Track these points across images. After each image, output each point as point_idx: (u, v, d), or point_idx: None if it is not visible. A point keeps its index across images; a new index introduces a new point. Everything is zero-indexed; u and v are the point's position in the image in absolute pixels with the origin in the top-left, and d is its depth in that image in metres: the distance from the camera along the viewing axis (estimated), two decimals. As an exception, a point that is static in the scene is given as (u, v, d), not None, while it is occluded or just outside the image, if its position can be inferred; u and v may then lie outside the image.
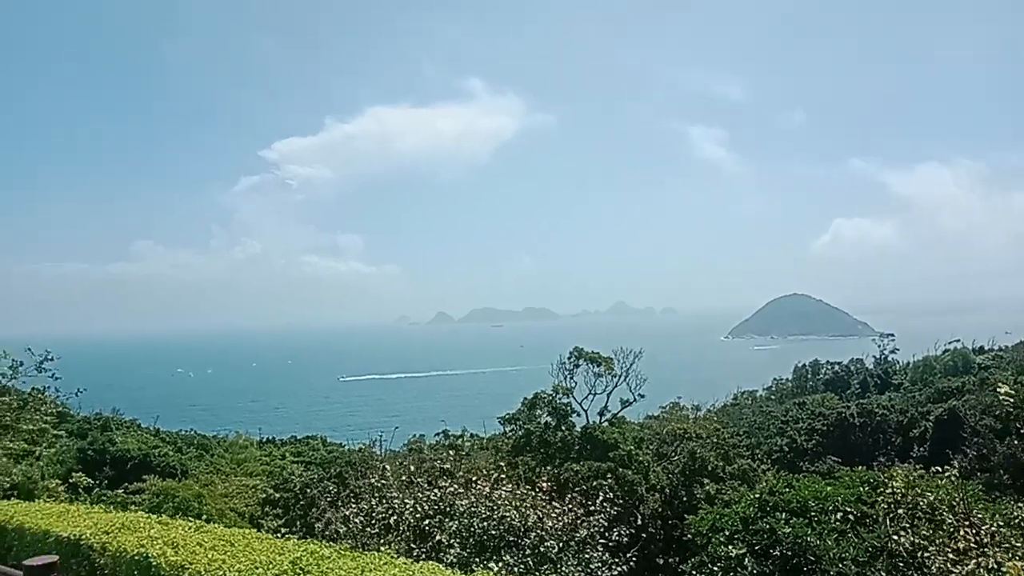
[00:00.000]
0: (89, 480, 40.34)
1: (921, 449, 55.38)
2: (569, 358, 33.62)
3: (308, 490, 48.36)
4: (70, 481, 38.97)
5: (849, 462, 52.24)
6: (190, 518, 9.38)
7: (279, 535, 8.12)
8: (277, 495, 47.15)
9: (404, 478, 14.43)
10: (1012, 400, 9.17)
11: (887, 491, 9.59)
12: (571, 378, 33.27)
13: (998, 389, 9.74)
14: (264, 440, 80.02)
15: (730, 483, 31.80)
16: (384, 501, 12.88)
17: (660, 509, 29.06)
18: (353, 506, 13.31)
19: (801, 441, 57.05)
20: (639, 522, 13.70)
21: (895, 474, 10.41)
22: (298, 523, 42.09)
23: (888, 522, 9.74)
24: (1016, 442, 47.95)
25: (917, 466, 37.47)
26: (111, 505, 19.45)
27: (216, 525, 8.62)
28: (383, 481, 13.56)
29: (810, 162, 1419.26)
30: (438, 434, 61.59)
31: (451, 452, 47.27)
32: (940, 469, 9.89)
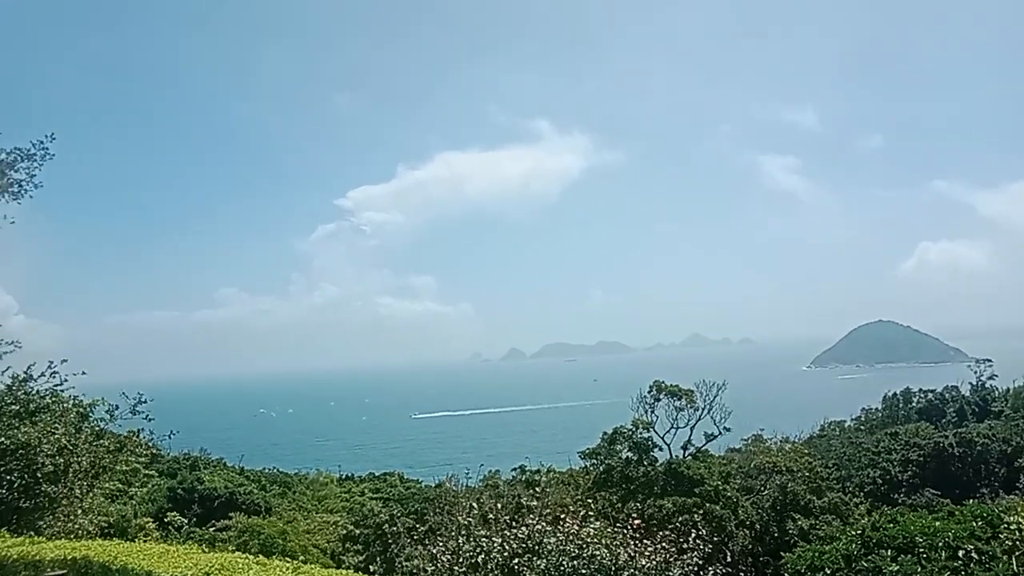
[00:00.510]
0: (182, 519, 41.57)
1: (1028, 480, 52.00)
2: (649, 392, 32.97)
3: (387, 526, 48.72)
4: (164, 520, 40.24)
5: (949, 494, 49.50)
6: (282, 557, 9.47)
7: (371, 575, 8.08)
8: (357, 531, 47.55)
9: (482, 514, 14.27)
10: None
11: (1012, 526, 8.87)
12: (652, 412, 32.58)
13: None
14: (343, 477, 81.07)
15: (823, 518, 30.35)
16: (472, 539, 12.74)
17: (750, 546, 27.90)
18: (440, 544, 13.21)
19: (895, 473, 54.23)
20: (728, 559, 13.16)
21: (1020, 508, 9.64)
22: (378, 559, 42.29)
23: (1015, 560, 9.02)
24: None
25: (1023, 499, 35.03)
26: (200, 543, 19.94)
27: (313, 566, 8.67)
28: (469, 519, 13.44)
29: (890, 186, 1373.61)
30: (514, 469, 61.09)
31: (528, 488, 46.84)
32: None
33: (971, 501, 20.91)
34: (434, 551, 13.11)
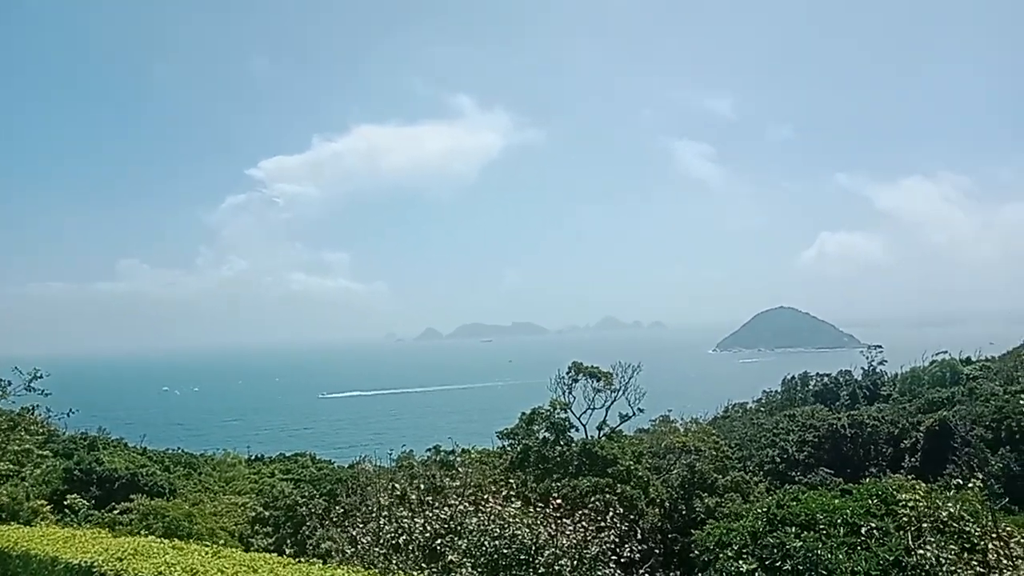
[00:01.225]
0: (83, 502, 39.64)
1: (912, 460, 55.54)
2: (568, 372, 33.49)
3: (299, 508, 47.90)
4: (63, 503, 38.30)
5: (841, 473, 52.47)
6: (199, 541, 9.13)
7: (300, 559, 7.91)
8: (267, 513, 46.57)
9: (399, 496, 14.18)
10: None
11: (908, 503, 9.48)
12: (569, 393, 33.12)
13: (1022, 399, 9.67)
14: (252, 458, 79.16)
15: (728, 496, 31.69)
16: (393, 520, 12.65)
17: (660, 524, 28.90)
18: (360, 525, 13.06)
19: (792, 452, 57.04)
20: (639, 537, 13.59)
21: (916, 486, 10.33)
22: (288, 541, 41.62)
23: (910, 536, 9.65)
24: (1010, 452, 48.28)
25: (909, 476, 37.58)
26: (99, 527, 19.07)
27: (233, 550, 8.38)
28: (390, 499, 13.33)
29: (796, 176, 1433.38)
30: (429, 450, 61.05)
31: (444, 468, 46.95)
32: (962, 482, 9.80)
33: (865, 480, 22.33)
34: (353, 533, 12.96)
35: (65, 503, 37.92)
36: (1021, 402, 52.92)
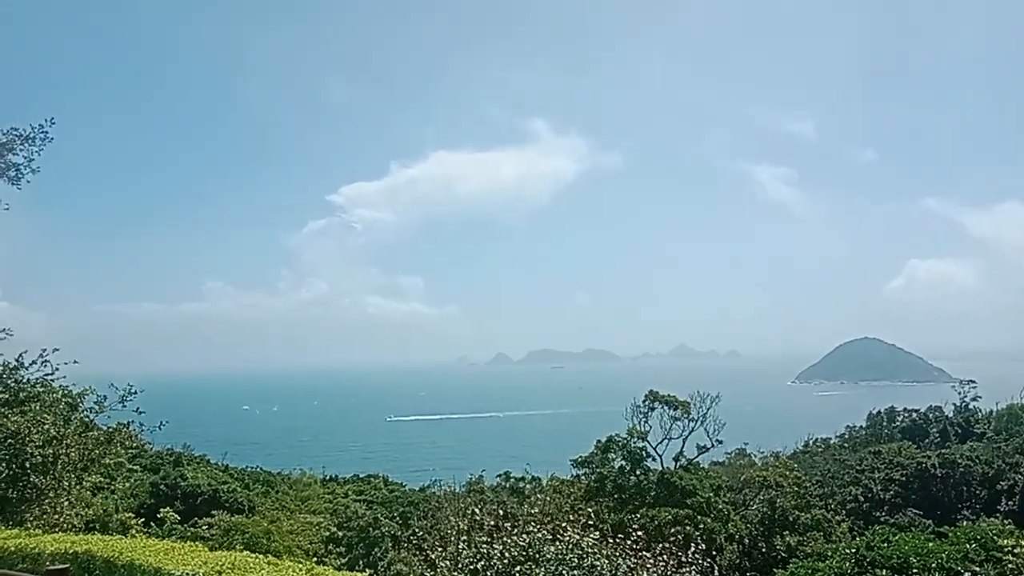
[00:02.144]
0: (176, 515, 41.20)
1: (1010, 503, 52.37)
2: (644, 401, 33.04)
3: (372, 529, 48.54)
4: (158, 515, 39.84)
5: (930, 515, 49.88)
6: (292, 558, 9.39)
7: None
8: (340, 533, 47.36)
9: (473, 521, 14.21)
10: None
11: (1016, 550, 8.96)
12: (646, 421, 32.65)
13: None
14: (327, 478, 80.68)
15: (809, 534, 30.50)
16: (472, 545, 12.72)
17: (739, 561, 28.02)
18: (439, 549, 13.18)
19: (877, 491, 54.54)
20: (716, 574, 13.23)
21: (1013, 532, 9.74)
22: (361, 562, 42.16)
23: (1018, 585, 9.13)
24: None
25: (1006, 521, 35.35)
26: (183, 539, 19.75)
27: (326, 568, 8.59)
28: (468, 524, 13.41)
29: (882, 202, 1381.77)
30: (499, 476, 61.03)
31: (514, 495, 46.77)
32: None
33: (960, 523, 21.17)
34: (432, 556, 13.07)
35: (158, 515, 39.44)
36: None
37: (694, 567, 12.25)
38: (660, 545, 12.36)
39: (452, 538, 13.38)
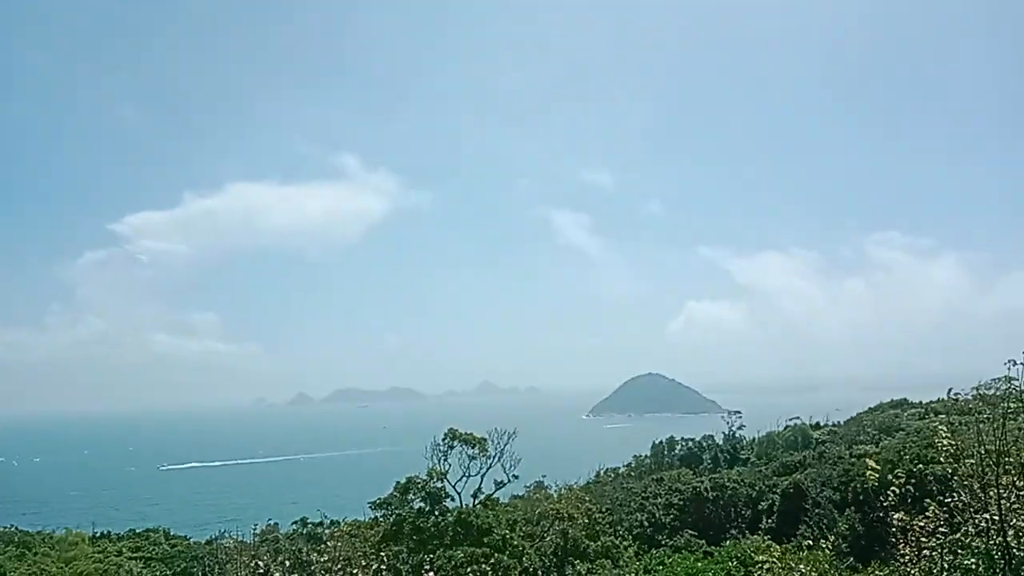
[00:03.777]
0: None
1: (769, 521, 58.36)
2: (444, 439, 33.21)
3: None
4: None
5: (704, 535, 54.33)
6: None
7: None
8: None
9: (262, 573, 13.48)
10: (877, 475, 10.04)
11: (764, 566, 10.08)
12: (445, 460, 32.78)
13: (867, 462, 10.56)
14: (97, 535, 72.50)
15: (599, 562, 32.02)
16: (257, 600, 12.00)
17: (533, 593, 28.77)
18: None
19: (659, 516, 58.60)
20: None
21: (772, 548, 10.97)
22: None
23: (765, 597, 10.24)
24: (855, 513, 51.74)
25: (766, 537, 39.45)
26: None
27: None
28: (258, 573, 12.65)
29: (666, 249, 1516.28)
30: (295, 522, 58.31)
31: (311, 542, 44.78)
32: (812, 542, 10.54)
33: (727, 541, 23.35)
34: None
35: None
36: (864, 465, 57.07)
37: (486, 604, 12.44)
38: (453, 585, 12.43)
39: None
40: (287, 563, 13.17)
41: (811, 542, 10.62)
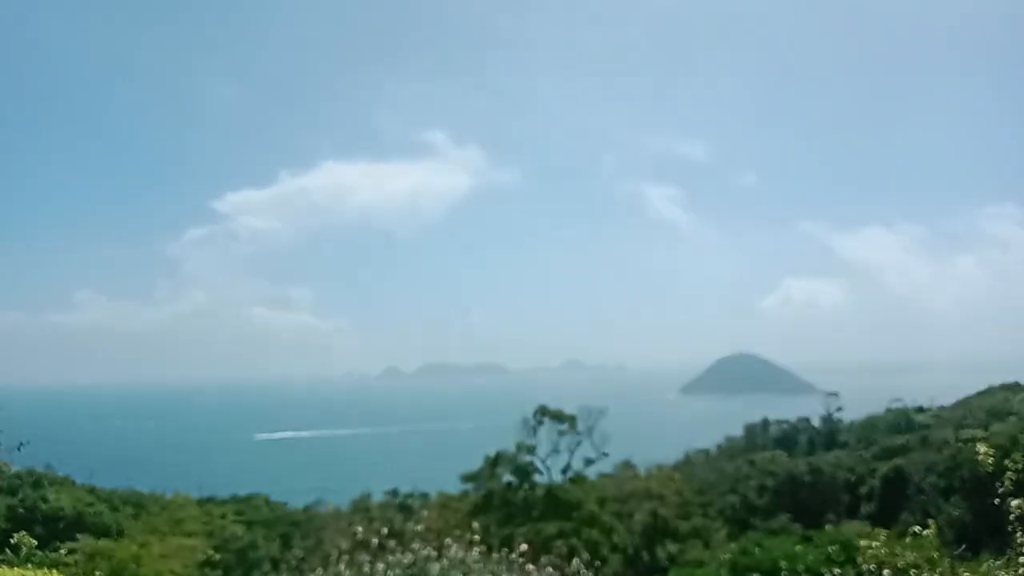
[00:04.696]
0: (32, 540, 37.95)
1: (869, 506, 56.36)
2: (533, 416, 33.38)
3: (251, 551, 46.55)
4: (11, 541, 36.68)
5: (800, 519, 52.87)
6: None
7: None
8: (218, 556, 45.24)
9: (358, 540, 13.83)
10: (992, 459, 9.42)
11: (868, 551, 9.63)
12: (534, 435, 32.98)
13: (978, 448, 9.96)
14: (204, 499, 76.87)
15: (689, 542, 31.66)
16: (354, 565, 12.33)
17: (623, 570, 28.69)
18: (319, 571, 12.71)
19: (752, 498, 57.48)
20: (601, 584, 13.51)
21: (876, 533, 10.48)
22: (239, 586, 40.30)
23: (872, 584, 9.80)
24: (962, 500, 49.14)
25: (866, 522, 37.92)
26: (41, 566, 18.25)
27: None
28: (350, 544, 12.99)
29: (761, 223, 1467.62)
30: (387, 492, 60.04)
31: (402, 512, 46.07)
32: (918, 530, 9.98)
33: (825, 526, 22.57)
34: (311, 578, 12.59)
35: (12, 541, 36.25)
36: (972, 451, 54.06)
37: (577, 577, 12.35)
38: (544, 558, 12.41)
39: (333, 559, 12.93)
40: (385, 531, 13.44)
41: (917, 529, 10.04)
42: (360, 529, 13.08)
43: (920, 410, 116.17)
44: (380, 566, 12.08)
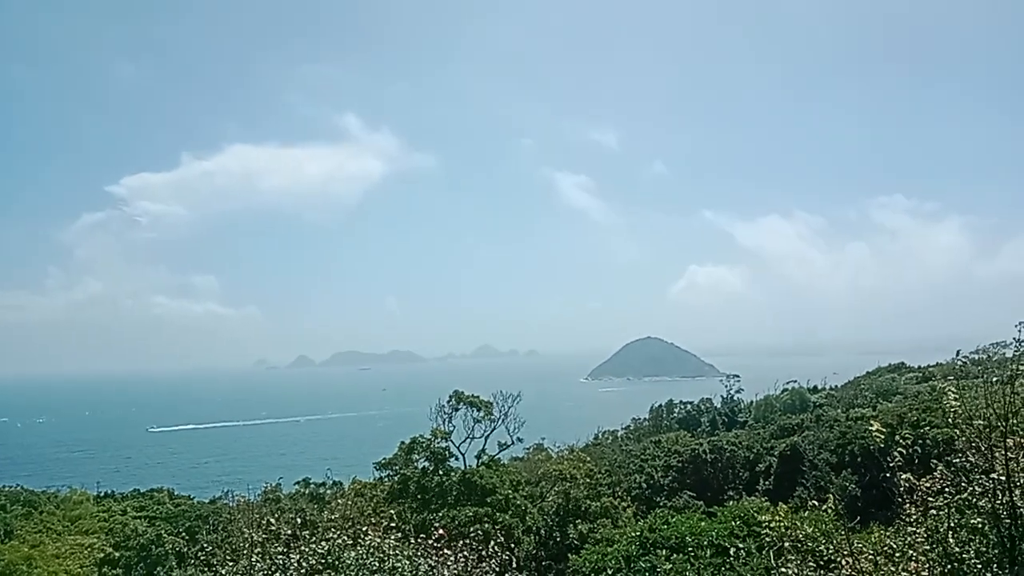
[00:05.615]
0: None
1: (767, 482, 59.08)
2: (448, 401, 33.42)
3: (154, 547, 44.82)
4: None
5: (702, 496, 55.04)
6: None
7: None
8: (117, 554, 43.47)
9: (270, 531, 13.59)
10: (883, 436, 10.10)
11: (771, 524, 10.19)
12: (450, 422, 33.05)
13: (871, 425, 10.63)
14: (102, 495, 73.44)
15: (599, 521, 32.47)
16: (267, 557, 12.11)
17: (535, 551, 29.21)
18: (230, 564, 12.41)
19: (658, 477, 59.28)
20: (514, 565, 13.71)
21: (778, 508, 11.10)
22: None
23: (772, 555, 10.36)
24: (851, 475, 52.35)
25: (764, 498, 39.92)
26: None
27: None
28: (263, 535, 12.75)
29: (668, 212, 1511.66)
30: (297, 483, 58.96)
31: (314, 502, 45.32)
32: (817, 503, 10.64)
33: (727, 503, 23.62)
34: (223, 572, 12.28)
35: None
36: (861, 428, 57.67)
37: (493, 560, 12.55)
38: (461, 542, 12.54)
39: (245, 551, 12.66)
40: (298, 520, 13.27)
41: (816, 503, 10.71)
42: (273, 520, 12.87)
43: (814, 390, 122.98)
44: (294, 557, 11.94)
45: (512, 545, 27.02)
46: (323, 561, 11.92)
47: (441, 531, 12.41)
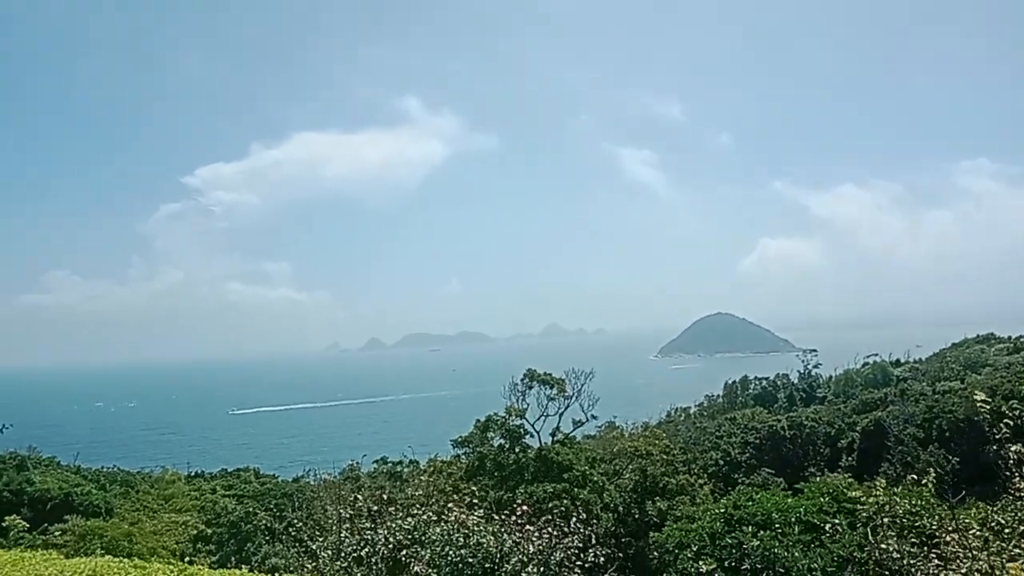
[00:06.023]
0: (24, 523, 37.85)
1: (849, 459, 57.41)
2: (522, 380, 33.57)
3: (243, 524, 46.70)
4: (2, 525, 36.58)
5: (781, 474, 53.87)
6: (160, 560, 8.80)
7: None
8: (209, 531, 45.39)
9: (357, 508, 13.91)
10: (988, 407, 9.60)
11: (869, 499, 9.84)
12: (523, 400, 33.20)
13: (975, 396, 10.13)
14: (192, 475, 76.90)
15: (678, 498, 32.20)
16: (356, 532, 12.43)
17: (614, 528, 29.17)
18: (320, 539, 12.80)
19: (735, 454, 58.29)
20: (594, 542, 13.69)
21: (876, 484, 10.71)
22: (233, 559, 40.57)
23: (869, 531, 10.00)
24: (939, 449, 50.34)
25: (847, 475, 38.81)
26: (32, 548, 18.20)
27: (199, 567, 8.07)
28: (351, 511, 13.09)
29: (736, 184, 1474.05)
30: (375, 461, 60.40)
31: (392, 480, 46.33)
32: (916, 478, 10.19)
33: (809, 479, 23.04)
34: (313, 547, 12.67)
35: (3, 524, 36.12)
36: (949, 402, 55.32)
37: (575, 536, 12.55)
38: (543, 519, 12.58)
39: (333, 527, 13.03)
40: (384, 497, 13.56)
41: (915, 477, 10.25)
42: (360, 497, 13.19)
43: (897, 364, 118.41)
44: (381, 532, 12.21)
45: (592, 521, 27.08)
46: (410, 536, 12.16)
47: (524, 507, 12.48)
